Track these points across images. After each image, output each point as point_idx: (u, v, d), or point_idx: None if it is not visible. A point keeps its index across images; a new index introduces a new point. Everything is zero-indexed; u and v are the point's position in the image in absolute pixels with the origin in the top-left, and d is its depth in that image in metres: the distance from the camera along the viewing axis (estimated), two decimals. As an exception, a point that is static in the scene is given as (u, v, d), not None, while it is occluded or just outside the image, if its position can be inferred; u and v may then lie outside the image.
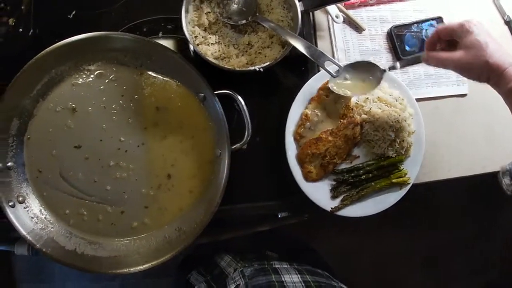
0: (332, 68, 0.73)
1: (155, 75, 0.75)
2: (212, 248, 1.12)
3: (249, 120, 0.71)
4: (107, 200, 0.74)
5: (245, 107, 0.71)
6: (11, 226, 0.76)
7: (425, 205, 1.65)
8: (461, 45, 0.64)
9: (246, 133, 0.72)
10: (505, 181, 0.75)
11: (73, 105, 0.74)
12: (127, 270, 0.71)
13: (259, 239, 1.08)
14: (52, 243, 0.71)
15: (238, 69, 0.73)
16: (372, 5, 0.85)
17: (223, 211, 0.74)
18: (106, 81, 0.75)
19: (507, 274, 1.79)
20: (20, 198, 0.71)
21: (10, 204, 0.69)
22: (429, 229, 1.76)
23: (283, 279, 0.70)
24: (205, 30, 0.78)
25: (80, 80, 0.74)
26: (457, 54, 0.64)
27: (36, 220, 0.72)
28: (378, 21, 0.85)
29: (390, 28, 0.85)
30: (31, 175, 0.73)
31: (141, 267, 0.71)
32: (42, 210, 0.73)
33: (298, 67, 0.82)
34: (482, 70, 0.62)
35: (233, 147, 0.71)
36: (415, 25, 0.85)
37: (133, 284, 1.55)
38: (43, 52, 0.69)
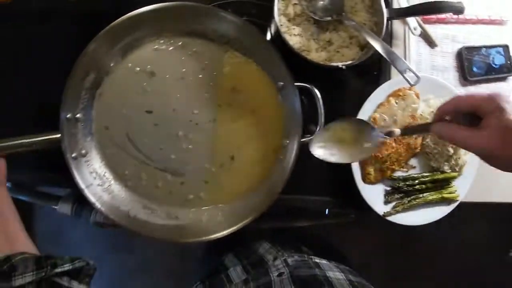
0: (410, 77, 0.74)
1: (239, 55, 0.76)
2: (246, 233, 1.12)
3: (323, 115, 0.72)
4: (169, 168, 0.75)
5: (321, 103, 0.72)
6: (66, 180, 0.77)
7: (449, 232, 1.66)
8: (487, 124, 0.50)
9: (318, 128, 0.73)
10: None
11: (152, 69, 0.74)
12: (175, 240, 0.73)
13: (290, 232, 1.09)
14: (107, 201, 0.72)
15: (322, 63, 0.74)
16: (447, 23, 0.87)
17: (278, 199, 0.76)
18: (189, 52, 0.75)
19: None
20: (83, 151, 0.72)
21: (73, 155, 0.69)
22: (445, 256, 1.77)
23: (327, 274, 0.69)
24: (289, 20, 0.79)
25: (163, 46, 0.75)
26: (482, 136, 0.51)
27: (95, 176, 0.73)
28: (450, 39, 0.87)
29: (461, 48, 0.87)
30: (97, 131, 0.74)
31: (187, 240, 0.73)
32: (102, 167, 0.74)
33: (370, 72, 0.83)
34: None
35: (302, 139, 0.72)
36: (484, 49, 0.88)
37: (152, 261, 1.55)
38: (131, 13, 0.69)
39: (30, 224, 1.52)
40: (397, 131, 0.63)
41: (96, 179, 0.72)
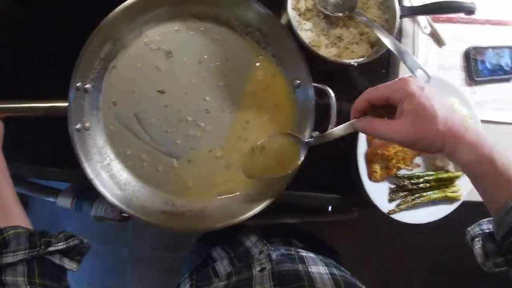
0: (421, 76, 0.74)
1: (259, 47, 0.75)
2: (236, 226, 1.12)
3: (335, 117, 0.72)
4: (173, 153, 0.74)
5: (335, 104, 0.72)
6: (66, 175, 0.75)
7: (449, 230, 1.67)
8: (402, 111, 0.51)
9: (329, 127, 0.72)
10: (477, 250, 0.56)
11: (170, 49, 0.72)
12: (172, 226, 0.72)
13: (283, 227, 1.09)
14: (104, 179, 0.71)
15: (332, 59, 0.74)
16: (456, 22, 0.87)
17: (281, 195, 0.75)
18: (210, 38, 0.74)
19: None
20: (87, 124, 0.70)
21: (77, 127, 0.67)
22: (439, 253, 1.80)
23: (309, 269, 0.68)
24: (300, 15, 0.78)
25: (185, 28, 0.73)
26: (399, 125, 0.52)
27: (95, 151, 0.71)
28: (458, 39, 0.87)
29: (469, 48, 0.87)
30: (104, 105, 0.72)
31: (184, 227, 0.73)
32: (104, 143, 0.72)
33: (378, 70, 0.83)
34: (432, 140, 0.51)
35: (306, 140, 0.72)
36: (492, 49, 0.88)
37: (143, 254, 1.54)
38: None
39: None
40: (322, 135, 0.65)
41: (96, 155, 0.71)
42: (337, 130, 0.62)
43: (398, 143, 0.56)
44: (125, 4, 0.67)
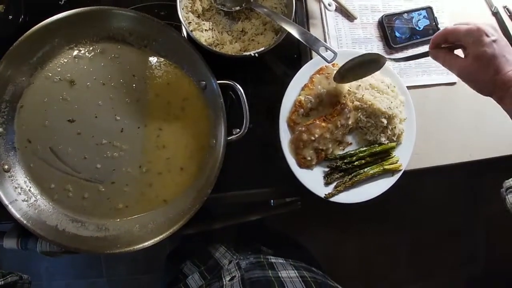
0: (327, 54, 0.73)
1: (159, 57, 0.74)
2: (203, 240, 1.11)
3: (248, 112, 0.71)
4: (96, 178, 0.74)
5: (245, 99, 0.71)
6: (5, 215, 0.75)
7: (408, 199, 1.68)
8: (469, 53, 0.61)
9: (244, 125, 0.71)
10: (509, 199, 0.68)
11: (72, 78, 0.73)
12: (107, 251, 0.71)
13: (247, 232, 1.08)
14: (33, 217, 0.70)
15: (232, 54, 0.73)
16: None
17: (214, 199, 0.74)
18: (109, 58, 0.74)
19: (490, 267, 1.83)
20: (6, 167, 0.70)
21: None
22: (412, 223, 1.79)
23: (279, 274, 0.69)
24: (198, 16, 0.77)
25: (82, 53, 0.73)
26: (464, 62, 0.62)
27: (20, 191, 0.71)
28: (369, 10, 0.86)
29: (381, 17, 0.86)
30: (20, 145, 0.72)
31: (121, 250, 0.71)
32: (27, 182, 0.72)
33: (291, 55, 0.82)
34: (486, 84, 0.61)
35: (229, 138, 0.71)
36: (406, 14, 0.87)
37: (121, 281, 1.53)
38: (40, 24, 0.68)
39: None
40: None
41: (21, 194, 0.70)
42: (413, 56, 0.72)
43: (461, 77, 0.64)
44: (10, 48, 0.67)
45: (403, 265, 1.77)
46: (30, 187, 0.72)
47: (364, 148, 0.81)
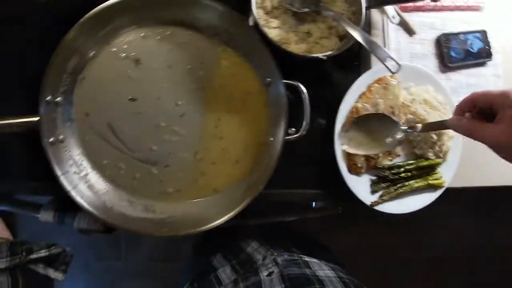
0: (391, 65, 0.74)
1: (228, 48, 0.75)
2: (231, 233, 1.11)
3: (309, 115, 0.72)
4: (149, 160, 0.74)
5: (308, 101, 0.72)
6: (47, 188, 0.75)
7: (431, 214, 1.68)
8: (502, 118, 0.53)
9: (303, 127, 0.72)
10: None
11: (138, 57, 0.73)
12: (154, 233, 0.72)
13: (279, 232, 1.08)
14: (82, 190, 0.70)
15: (302, 54, 0.74)
16: (424, 10, 0.87)
17: (260, 195, 0.75)
18: (178, 42, 0.74)
19: (506, 283, 1.84)
20: (61, 137, 0.70)
21: (50, 140, 0.68)
22: (432, 239, 1.79)
23: (317, 273, 0.69)
24: (267, 13, 0.78)
25: (151, 34, 0.73)
26: (496, 130, 0.54)
27: (72, 163, 0.71)
28: (427, 26, 0.88)
29: (439, 35, 0.87)
30: (77, 116, 0.72)
31: (167, 234, 0.72)
32: (80, 155, 0.72)
33: (351, 62, 0.83)
34: None
35: (286, 137, 0.72)
36: (462, 35, 0.88)
37: (139, 266, 1.53)
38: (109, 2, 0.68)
39: (12, 233, 1.48)
40: (419, 126, 0.70)
41: (73, 166, 0.71)
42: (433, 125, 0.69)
43: (490, 147, 0.57)
44: (82, 19, 0.67)
45: (420, 278, 1.79)
46: (83, 160, 0.73)
47: (411, 161, 0.82)
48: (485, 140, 0.56)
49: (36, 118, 0.66)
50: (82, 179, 0.71)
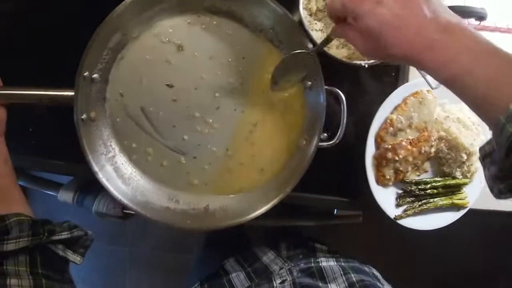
0: (432, 80, 0.74)
1: (271, 46, 0.73)
2: (241, 233, 1.10)
3: (345, 123, 0.71)
4: (179, 149, 0.73)
5: (345, 110, 0.71)
6: (69, 168, 0.74)
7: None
8: (358, 30, 0.50)
9: (338, 134, 0.71)
10: (485, 172, 0.50)
11: (181, 43, 0.71)
12: (177, 225, 0.71)
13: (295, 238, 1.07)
14: (109, 171, 0.69)
15: (343, 60, 0.73)
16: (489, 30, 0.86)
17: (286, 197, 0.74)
18: (222, 33, 0.72)
19: None
20: (93, 115, 0.69)
21: (82, 117, 0.66)
22: (441, 257, 1.78)
23: (329, 286, 0.69)
24: (311, 15, 0.78)
25: (198, 21, 0.71)
26: (359, 41, 0.51)
27: (101, 143, 0.70)
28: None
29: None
30: (111, 95, 0.70)
31: (184, 227, 0.71)
32: (110, 135, 0.71)
33: (388, 73, 0.82)
34: (391, 60, 0.53)
35: (320, 143, 0.71)
36: None
37: (143, 254, 1.52)
38: None
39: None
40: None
41: (101, 146, 0.70)
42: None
43: (357, 49, 0.54)
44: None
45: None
46: (111, 142, 0.72)
47: (439, 179, 0.82)
48: (356, 46, 0.53)
49: (71, 93, 0.65)
50: (109, 161, 0.70)
